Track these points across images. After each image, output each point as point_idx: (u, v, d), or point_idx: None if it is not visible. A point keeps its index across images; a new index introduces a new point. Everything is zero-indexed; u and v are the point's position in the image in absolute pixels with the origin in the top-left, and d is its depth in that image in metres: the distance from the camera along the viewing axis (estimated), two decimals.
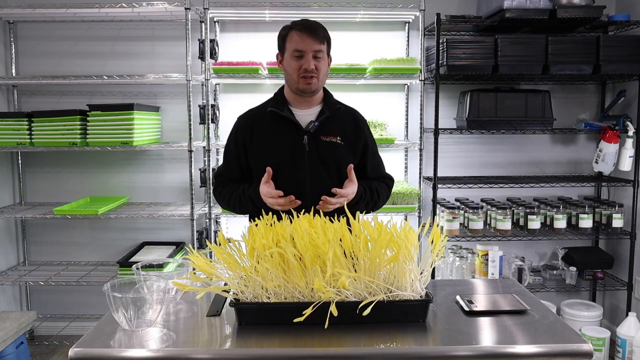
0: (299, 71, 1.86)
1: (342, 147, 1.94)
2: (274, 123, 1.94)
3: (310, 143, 1.91)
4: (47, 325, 3.45)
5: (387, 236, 1.43)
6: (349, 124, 1.99)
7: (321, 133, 1.93)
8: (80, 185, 3.42)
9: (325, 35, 1.90)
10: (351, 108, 2.06)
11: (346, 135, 1.96)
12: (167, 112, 3.40)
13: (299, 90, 1.90)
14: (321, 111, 1.96)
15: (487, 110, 3.14)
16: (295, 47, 1.86)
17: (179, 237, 3.46)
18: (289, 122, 1.92)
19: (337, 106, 1.98)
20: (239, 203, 1.95)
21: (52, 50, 3.35)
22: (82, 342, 1.34)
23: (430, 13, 3.12)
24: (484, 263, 3.14)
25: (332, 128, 1.95)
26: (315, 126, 1.91)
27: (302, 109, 1.96)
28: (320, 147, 1.91)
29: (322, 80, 1.92)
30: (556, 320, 1.48)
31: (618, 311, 3.40)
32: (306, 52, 1.85)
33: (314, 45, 1.86)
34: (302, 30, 1.86)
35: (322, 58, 1.88)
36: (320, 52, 1.87)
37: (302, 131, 1.91)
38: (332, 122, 1.95)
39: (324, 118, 1.93)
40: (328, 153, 1.92)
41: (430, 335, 1.39)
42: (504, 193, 3.44)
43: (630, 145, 3.13)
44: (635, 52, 2.98)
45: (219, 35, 3.34)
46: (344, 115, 2.00)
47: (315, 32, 1.86)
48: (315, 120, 1.93)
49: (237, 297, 1.43)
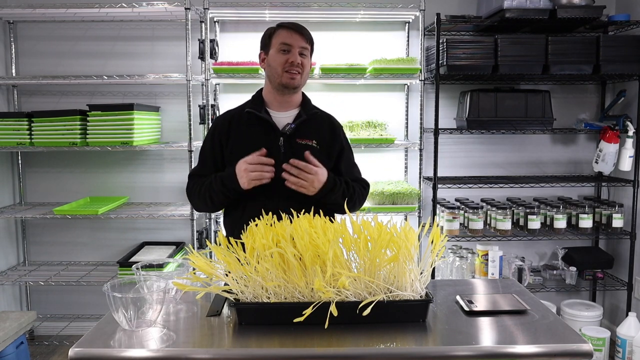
0: (284, 65, 1.88)
1: (318, 150, 1.94)
2: (250, 124, 1.95)
3: (285, 145, 1.91)
4: (47, 325, 3.45)
5: (387, 236, 1.43)
6: (325, 128, 2.01)
7: (297, 136, 1.93)
8: (80, 185, 3.42)
9: (311, 37, 1.95)
10: (328, 113, 2.08)
11: (322, 139, 1.97)
12: (167, 112, 3.40)
13: (282, 85, 1.91)
14: (298, 114, 1.97)
15: (487, 110, 3.14)
16: (283, 41, 1.89)
17: (179, 237, 3.46)
18: (266, 123, 1.93)
19: (314, 110, 2.00)
20: (209, 191, 1.91)
21: (52, 50, 3.35)
22: (82, 342, 1.33)
23: (430, 13, 3.12)
24: (484, 263, 3.14)
25: (309, 131, 1.95)
26: (292, 128, 1.92)
27: (279, 111, 1.97)
28: (295, 150, 1.91)
29: (305, 78, 1.94)
30: (556, 320, 1.48)
31: (618, 311, 3.40)
32: (293, 47, 1.88)
33: (301, 42, 1.90)
34: (290, 27, 1.91)
35: (306, 56, 1.92)
36: (305, 49, 1.91)
37: (279, 133, 1.92)
38: (308, 125, 1.96)
39: (300, 121, 1.94)
40: (303, 156, 1.91)
41: (430, 335, 1.39)
42: (504, 193, 3.44)
43: (630, 145, 3.13)
44: (635, 52, 2.98)
45: (219, 35, 3.35)
46: (321, 119, 2.02)
47: (302, 31, 1.91)
48: (292, 123, 1.94)
49: (237, 297, 1.43)
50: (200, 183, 1.97)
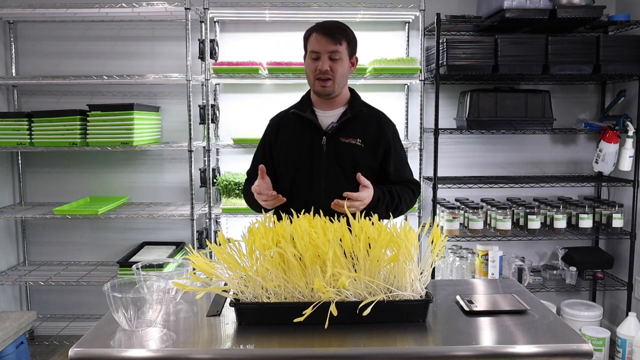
0: (314, 73, 1.88)
1: (362, 149, 1.92)
2: (296, 125, 1.96)
3: (328, 144, 1.91)
4: (47, 325, 3.45)
5: (387, 236, 1.43)
6: (372, 126, 1.97)
7: (341, 134, 1.92)
8: (80, 185, 3.42)
9: (344, 35, 1.88)
10: (378, 111, 2.05)
11: (367, 137, 1.94)
12: (167, 112, 3.40)
13: (316, 92, 1.93)
14: (344, 112, 1.95)
15: (487, 110, 3.14)
16: (311, 49, 1.88)
17: (179, 237, 3.46)
18: (310, 123, 1.94)
19: (360, 108, 1.97)
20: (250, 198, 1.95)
21: (52, 50, 3.35)
22: (82, 342, 1.34)
23: (430, 13, 3.12)
24: (484, 263, 3.14)
25: (353, 130, 1.94)
26: (334, 127, 1.91)
27: (325, 110, 1.97)
28: (338, 148, 1.91)
29: (339, 82, 1.90)
30: (556, 320, 1.48)
31: (618, 311, 3.40)
32: (321, 54, 1.86)
33: (329, 46, 1.85)
34: (318, 31, 1.88)
35: (339, 59, 1.87)
36: (336, 52, 1.86)
37: (322, 132, 1.92)
38: (353, 123, 1.94)
39: (344, 119, 1.93)
40: (346, 154, 1.91)
41: (430, 335, 1.39)
42: (504, 193, 3.44)
43: (630, 145, 3.12)
44: (635, 52, 2.98)
45: (219, 35, 3.34)
46: (368, 117, 1.99)
47: (330, 33, 1.86)
48: (335, 122, 1.93)
49: (237, 297, 1.43)
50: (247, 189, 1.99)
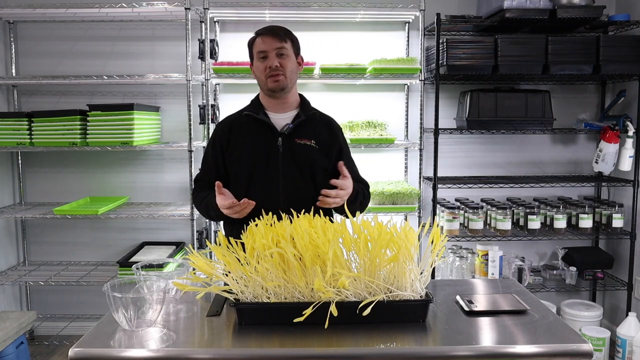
0: (265, 71, 1.90)
1: (317, 150, 1.95)
2: (250, 126, 1.96)
3: (284, 145, 1.93)
4: (47, 325, 3.45)
5: (387, 236, 1.43)
6: (324, 129, 2.01)
7: (296, 136, 1.94)
8: (80, 185, 3.42)
9: (287, 35, 1.94)
10: (327, 115, 2.09)
11: (320, 139, 1.98)
12: (167, 112, 3.40)
13: (269, 90, 1.93)
14: (297, 115, 1.98)
15: (487, 110, 3.14)
16: (258, 50, 1.91)
17: (179, 237, 3.46)
18: (265, 124, 1.94)
19: (312, 111, 2.02)
20: (208, 210, 1.93)
21: (52, 50, 3.35)
22: (82, 342, 1.34)
23: (430, 13, 3.12)
24: (484, 263, 3.14)
25: (307, 132, 1.96)
26: (290, 128, 1.93)
27: (278, 112, 1.98)
28: (294, 150, 1.93)
29: (290, 77, 1.93)
30: (556, 320, 1.48)
31: (618, 311, 3.40)
32: (268, 52, 1.89)
33: (275, 43, 1.89)
34: (262, 33, 1.92)
35: (286, 55, 1.91)
36: (282, 49, 1.90)
37: (277, 133, 1.93)
38: (307, 126, 1.97)
39: (299, 122, 1.95)
40: (302, 155, 1.93)
41: (430, 335, 1.39)
42: (504, 193, 3.44)
43: (630, 145, 3.12)
44: (635, 52, 2.97)
45: (219, 35, 3.34)
46: (320, 120, 2.03)
47: (274, 32, 1.91)
48: (290, 123, 1.95)
49: (237, 297, 1.43)
50: (201, 198, 1.97)
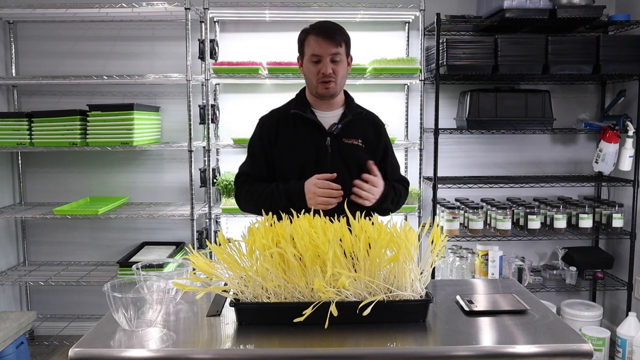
0: (317, 76, 1.88)
1: (364, 149, 1.96)
2: (297, 124, 1.96)
3: (332, 145, 1.93)
4: (47, 325, 3.45)
5: (387, 236, 1.43)
6: (370, 127, 2.02)
7: (343, 135, 1.94)
8: (80, 185, 3.42)
9: (343, 38, 1.91)
10: (372, 112, 2.09)
11: (367, 138, 1.98)
12: (167, 112, 3.40)
13: (318, 94, 1.93)
14: (344, 114, 1.98)
15: (487, 110, 3.14)
16: (312, 52, 1.88)
17: (179, 237, 3.46)
18: (312, 123, 1.94)
19: (358, 110, 2.01)
20: (271, 199, 1.89)
21: (52, 50, 3.35)
22: (82, 342, 1.34)
23: (430, 13, 3.12)
24: (484, 263, 3.14)
25: (354, 131, 1.97)
26: (338, 128, 1.93)
27: (324, 110, 1.98)
28: (342, 149, 1.93)
29: (341, 83, 1.93)
30: (556, 320, 1.48)
31: (618, 311, 3.40)
32: (323, 57, 1.86)
33: (331, 48, 1.86)
34: (318, 34, 1.87)
35: (340, 61, 1.89)
36: (337, 55, 1.88)
37: (325, 133, 1.94)
38: (353, 125, 1.97)
39: (346, 121, 1.95)
40: (350, 155, 1.94)
41: (430, 335, 1.39)
42: (504, 193, 3.44)
43: (630, 145, 3.12)
44: (635, 52, 2.97)
45: (219, 35, 3.34)
46: (365, 119, 2.03)
47: (331, 36, 1.87)
48: (338, 123, 1.95)
49: (237, 297, 1.43)
50: (256, 190, 1.94)
